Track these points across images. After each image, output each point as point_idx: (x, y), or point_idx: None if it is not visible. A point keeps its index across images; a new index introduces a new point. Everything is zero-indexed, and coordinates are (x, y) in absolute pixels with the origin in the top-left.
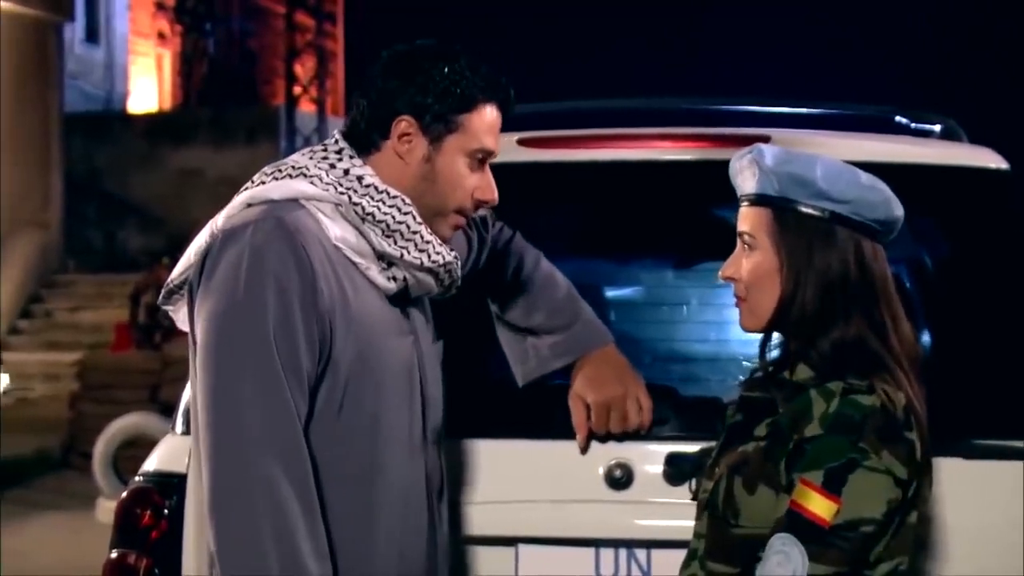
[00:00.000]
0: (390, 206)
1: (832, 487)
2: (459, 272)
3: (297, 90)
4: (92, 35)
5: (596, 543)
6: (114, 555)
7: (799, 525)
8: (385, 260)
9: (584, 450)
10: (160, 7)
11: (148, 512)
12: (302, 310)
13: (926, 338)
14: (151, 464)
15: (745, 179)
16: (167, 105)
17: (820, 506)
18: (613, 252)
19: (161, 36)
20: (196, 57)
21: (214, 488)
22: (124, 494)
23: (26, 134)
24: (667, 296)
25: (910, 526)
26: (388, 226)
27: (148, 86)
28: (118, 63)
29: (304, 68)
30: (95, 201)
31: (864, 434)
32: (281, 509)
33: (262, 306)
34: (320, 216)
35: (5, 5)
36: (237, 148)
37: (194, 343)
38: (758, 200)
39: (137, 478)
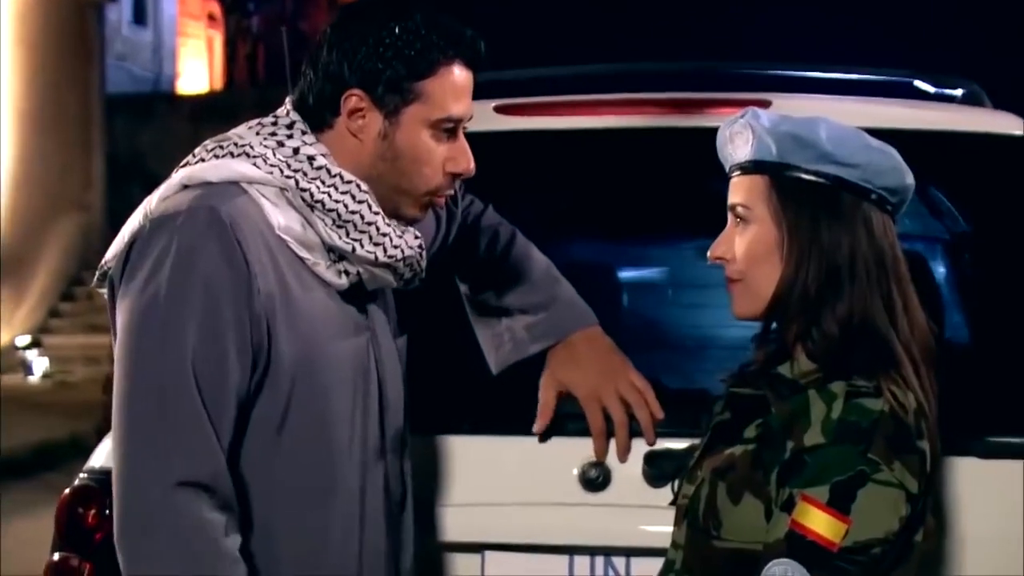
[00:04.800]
0: (343, 192)
1: (839, 504)
2: (423, 264)
3: None
4: (140, 17)
5: (570, 550)
6: (56, 558)
7: (802, 548)
8: (335, 253)
9: (542, 438)
10: None
11: (92, 512)
12: (234, 313)
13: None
14: (96, 460)
15: (738, 146)
16: (218, 87)
17: (826, 526)
18: (594, 229)
19: (211, 17)
20: (239, 37)
21: (121, 516)
22: (66, 492)
23: (67, 116)
24: (652, 277)
25: (916, 545)
26: (339, 215)
27: (199, 68)
28: (166, 45)
29: None
30: (138, 182)
31: (873, 443)
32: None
33: (183, 313)
34: (263, 202)
35: None
36: None
37: (116, 337)
38: (754, 167)
39: (81, 475)
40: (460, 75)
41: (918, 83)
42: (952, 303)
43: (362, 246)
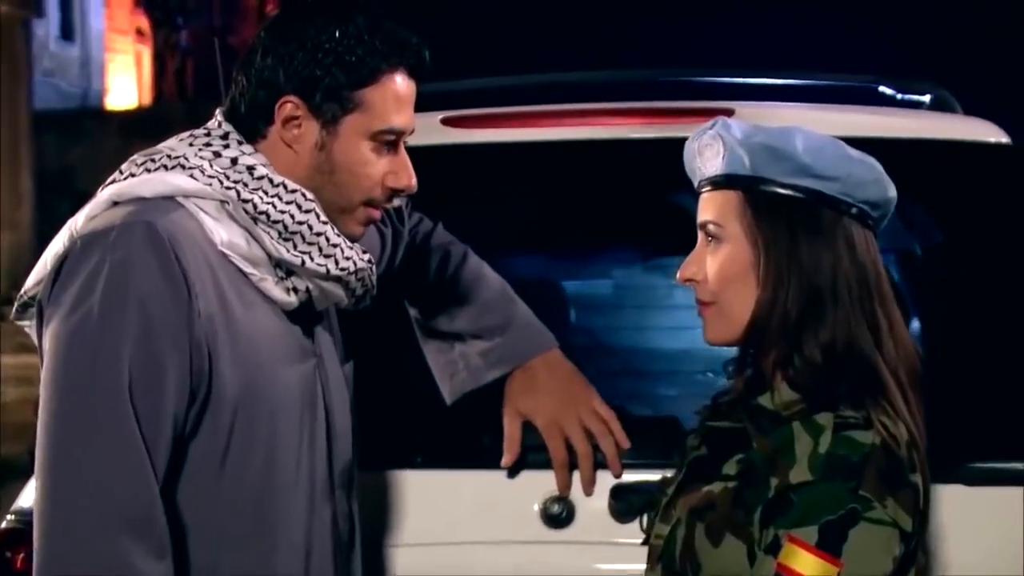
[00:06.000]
0: (287, 202)
1: (829, 546)
2: (374, 279)
3: None
4: (67, 32)
5: None
6: None
7: None
8: (283, 268)
9: (512, 473)
10: (137, 3)
11: (20, 556)
12: (173, 335)
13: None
14: (25, 500)
15: (707, 159)
16: (147, 102)
17: (815, 569)
18: (550, 247)
19: (140, 32)
20: (168, 52)
21: (45, 558)
22: None
23: None
24: (613, 298)
25: None
26: (286, 227)
27: (127, 83)
28: (95, 60)
29: None
30: (68, 199)
31: (865, 479)
32: None
33: (119, 333)
34: (202, 216)
35: None
36: None
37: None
38: (725, 182)
39: (9, 516)
40: (403, 84)
41: (883, 88)
42: (926, 318)
43: (311, 258)
